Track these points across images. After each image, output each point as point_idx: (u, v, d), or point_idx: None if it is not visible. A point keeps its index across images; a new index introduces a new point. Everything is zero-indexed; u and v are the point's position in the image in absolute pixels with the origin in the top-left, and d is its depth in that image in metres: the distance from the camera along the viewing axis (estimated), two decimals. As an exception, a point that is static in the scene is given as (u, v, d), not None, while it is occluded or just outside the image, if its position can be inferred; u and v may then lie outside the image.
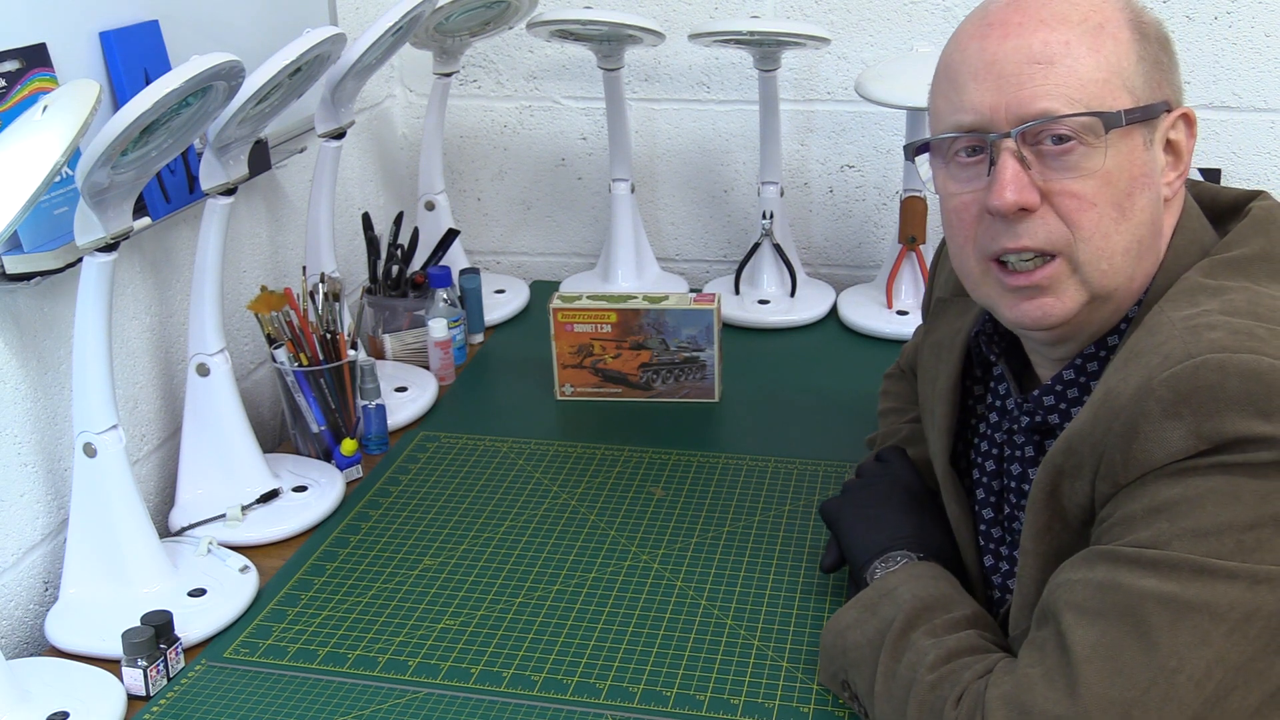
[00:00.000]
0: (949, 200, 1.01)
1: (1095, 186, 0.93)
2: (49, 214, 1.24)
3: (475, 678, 1.17)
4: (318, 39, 1.33)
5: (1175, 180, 0.98)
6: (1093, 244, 0.94)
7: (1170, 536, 0.84)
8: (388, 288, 1.82)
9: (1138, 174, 0.94)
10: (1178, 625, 0.83)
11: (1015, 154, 0.94)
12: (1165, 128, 0.97)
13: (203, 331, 1.41)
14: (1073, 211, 0.94)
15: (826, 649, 1.10)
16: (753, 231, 2.05)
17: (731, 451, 1.57)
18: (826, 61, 2.04)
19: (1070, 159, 0.93)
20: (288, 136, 1.73)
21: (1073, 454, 0.91)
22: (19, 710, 1.09)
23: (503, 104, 2.18)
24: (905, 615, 1.03)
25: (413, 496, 1.49)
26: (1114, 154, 0.93)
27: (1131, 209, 0.94)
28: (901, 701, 0.98)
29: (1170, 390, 0.85)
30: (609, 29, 1.84)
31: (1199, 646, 0.82)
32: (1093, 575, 0.87)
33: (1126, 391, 0.87)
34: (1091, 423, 0.89)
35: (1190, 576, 0.83)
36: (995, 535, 1.12)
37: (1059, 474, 0.93)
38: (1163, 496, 0.85)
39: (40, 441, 1.30)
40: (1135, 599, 0.84)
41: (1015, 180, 0.93)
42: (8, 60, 1.20)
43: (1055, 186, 0.94)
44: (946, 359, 1.16)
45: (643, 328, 1.69)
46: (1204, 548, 0.83)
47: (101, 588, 1.27)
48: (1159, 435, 0.85)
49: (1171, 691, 0.82)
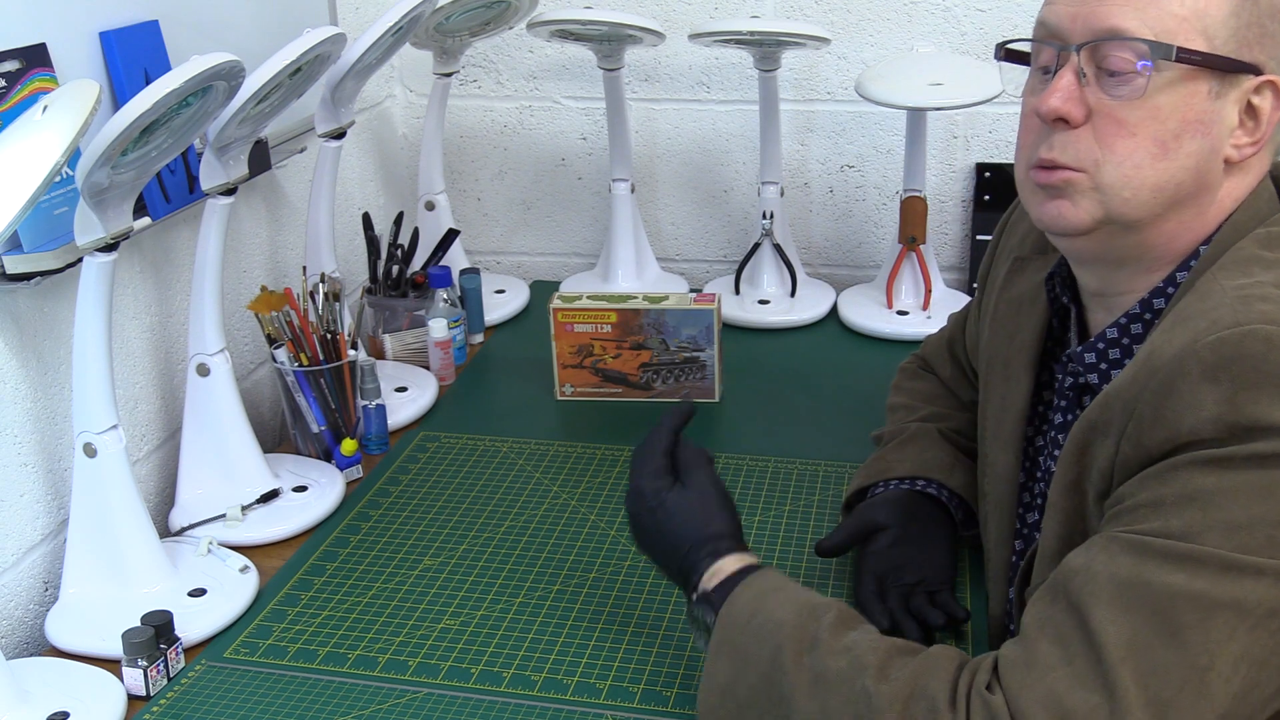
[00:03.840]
0: (1024, 104, 1.04)
1: (1140, 117, 0.95)
2: (49, 214, 1.24)
3: (475, 678, 1.17)
4: (318, 39, 1.33)
5: (1247, 146, 0.98)
6: (1121, 170, 0.95)
7: (1202, 528, 0.84)
8: (388, 288, 1.82)
9: (1192, 118, 0.95)
10: (1208, 622, 0.83)
11: (1076, 68, 0.96)
12: (1247, 89, 0.96)
13: (203, 331, 1.41)
14: (1110, 135, 0.95)
15: (713, 714, 1.00)
16: (753, 231, 2.05)
17: (731, 451, 1.57)
18: (826, 61, 2.04)
19: (1125, 88, 0.94)
20: (288, 136, 1.73)
21: (1107, 409, 0.92)
22: (19, 710, 1.09)
23: (503, 104, 2.18)
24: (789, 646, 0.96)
25: (413, 496, 1.49)
26: (1170, 91, 0.94)
27: (1176, 151, 0.95)
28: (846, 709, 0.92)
29: (1213, 354, 0.85)
30: (609, 29, 1.84)
31: (1227, 643, 0.83)
32: (1118, 569, 0.86)
33: (1169, 351, 0.87)
34: (1130, 380, 0.90)
35: (1219, 572, 0.83)
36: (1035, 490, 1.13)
37: (1092, 430, 0.93)
38: (1196, 485, 0.85)
39: (40, 441, 1.30)
40: (1166, 596, 0.84)
41: (1065, 90, 0.96)
42: (8, 60, 1.20)
43: (1103, 107, 0.96)
44: (1029, 312, 1.16)
45: (643, 328, 1.69)
46: (1234, 542, 0.83)
47: (101, 588, 1.27)
48: (1193, 397, 0.85)
49: (1204, 689, 0.83)
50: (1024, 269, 1.20)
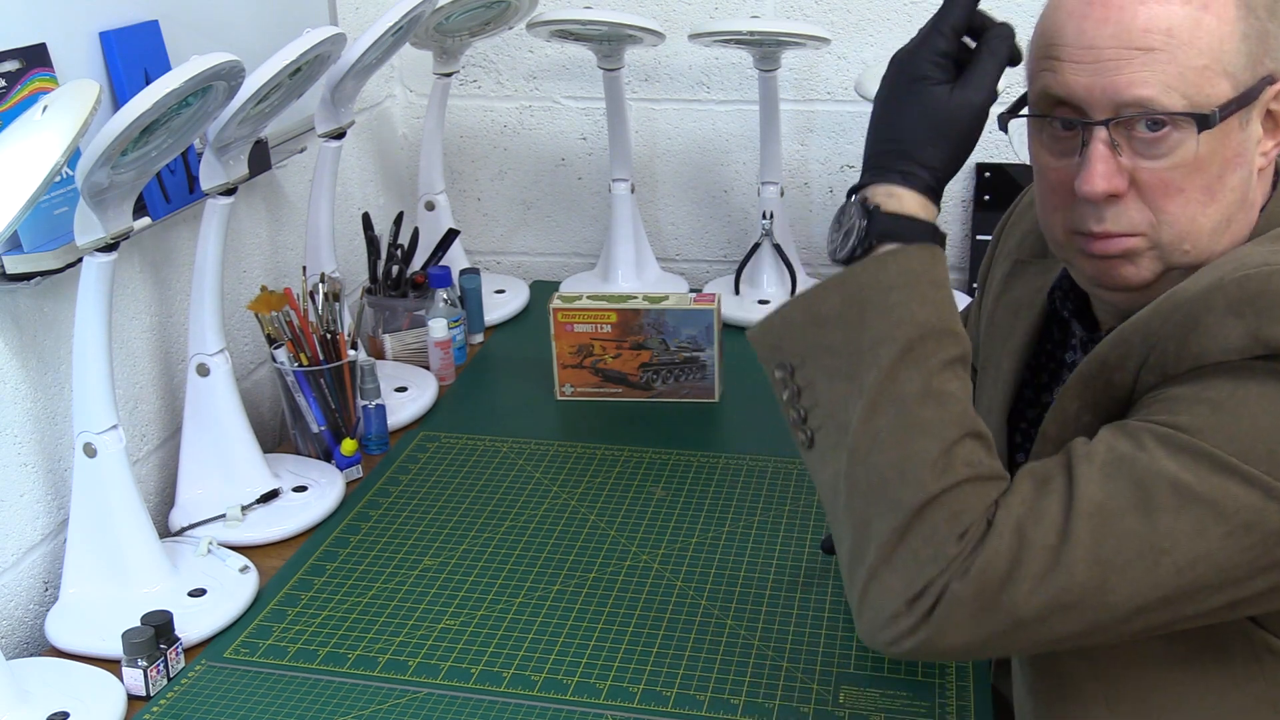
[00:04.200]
0: (1045, 171, 1.01)
1: (1185, 173, 0.93)
2: (49, 214, 1.24)
3: (475, 678, 1.17)
4: (318, 39, 1.33)
5: (1272, 149, 0.97)
6: (1177, 228, 0.95)
7: (1207, 428, 0.84)
8: (388, 288, 1.82)
9: (1230, 156, 0.94)
10: (1181, 511, 0.83)
11: (1107, 140, 0.93)
12: (1267, 99, 0.95)
13: (203, 331, 1.41)
14: (1159, 197, 0.94)
15: (790, 325, 0.93)
16: (753, 231, 2.05)
17: (731, 451, 1.57)
18: (826, 61, 2.04)
19: (1161, 148, 0.93)
20: (288, 136, 1.73)
21: (1122, 344, 0.91)
22: (19, 710, 1.09)
23: (503, 104, 2.18)
24: (899, 347, 0.89)
25: (413, 496, 1.49)
26: (1208, 141, 0.92)
27: (1221, 190, 0.95)
28: (888, 493, 0.87)
29: (1239, 289, 0.85)
30: (609, 29, 1.84)
31: (1194, 538, 0.83)
32: (1117, 443, 0.87)
33: (1194, 289, 0.87)
34: (1150, 314, 0.90)
35: (1210, 469, 0.84)
36: None
37: (1102, 365, 0.93)
38: (1212, 389, 0.85)
39: (40, 441, 1.30)
40: (1150, 475, 0.84)
41: (1105, 167, 0.93)
42: (8, 60, 1.20)
43: (1144, 173, 0.94)
44: (1025, 316, 1.16)
45: (643, 328, 1.69)
46: (1235, 447, 0.84)
47: (101, 588, 1.27)
48: (1218, 329, 0.85)
49: (1154, 569, 0.83)
50: (1023, 272, 1.20)
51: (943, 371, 0.90)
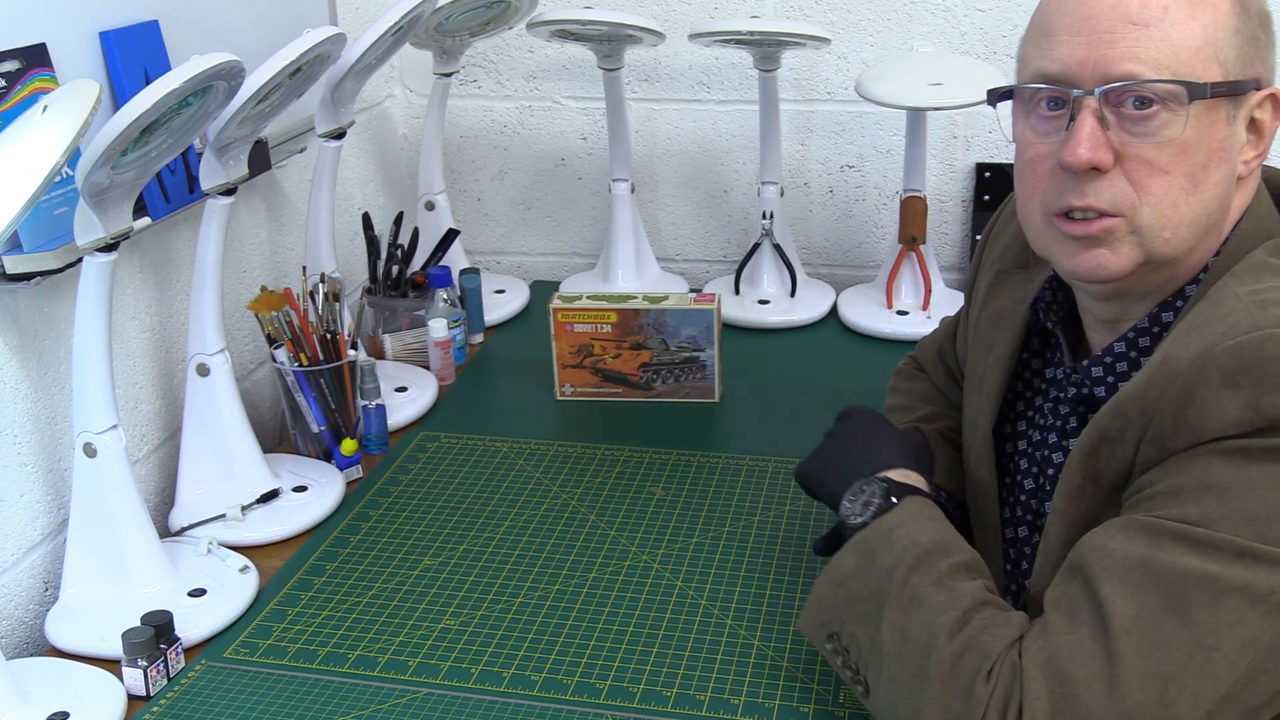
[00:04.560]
0: (1025, 149, 1.01)
1: (1171, 155, 0.93)
2: (49, 214, 1.24)
3: (475, 678, 1.17)
4: (318, 39, 1.33)
5: (1254, 159, 0.98)
6: (1159, 210, 0.94)
7: (1218, 517, 0.85)
8: (388, 288, 1.82)
9: (1216, 148, 0.94)
10: (1217, 604, 0.83)
11: (1096, 112, 0.93)
12: (1252, 105, 0.96)
13: (203, 331, 1.41)
14: (1144, 177, 0.94)
15: (822, 599, 1.05)
16: (753, 231, 2.05)
17: (731, 451, 1.57)
18: (826, 61, 2.04)
19: (1150, 124, 0.93)
20: (288, 136, 1.73)
21: (1120, 416, 0.91)
22: (19, 710, 1.09)
23: (503, 104, 2.18)
24: (906, 565, 0.99)
25: (413, 496, 1.49)
26: (1195, 124, 0.92)
27: (1205, 181, 0.94)
28: (919, 668, 0.95)
29: (1233, 359, 0.85)
30: (609, 29, 1.84)
31: (1236, 626, 0.83)
32: (1133, 548, 0.87)
33: (1186, 357, 0.87)
34: (1145, 387, 0.90)
35: (1233, 557, 0.84)
36: (1033, 507, 1.12)
37: (1102, 437, 0.93)
38: (1214, 475, 0.85)
39: (40, 441, 1.30)
40: (1177, 576, 0.84)
41: (1091, 138, 0.93)
42: (8, 60, 1.20)
43: (1131, 150, 0.94)
44: (1006, 328, 1.16)
45: (643, 328, 1.69)
46: (1251, 531, 0.84)
47: (101, 588, 1.27)
48: (1215, 403, 0.85)
49: (1208, 668, 0.83)
50: (1006, 283, 1.20)
51: (953, 574, 0.99)
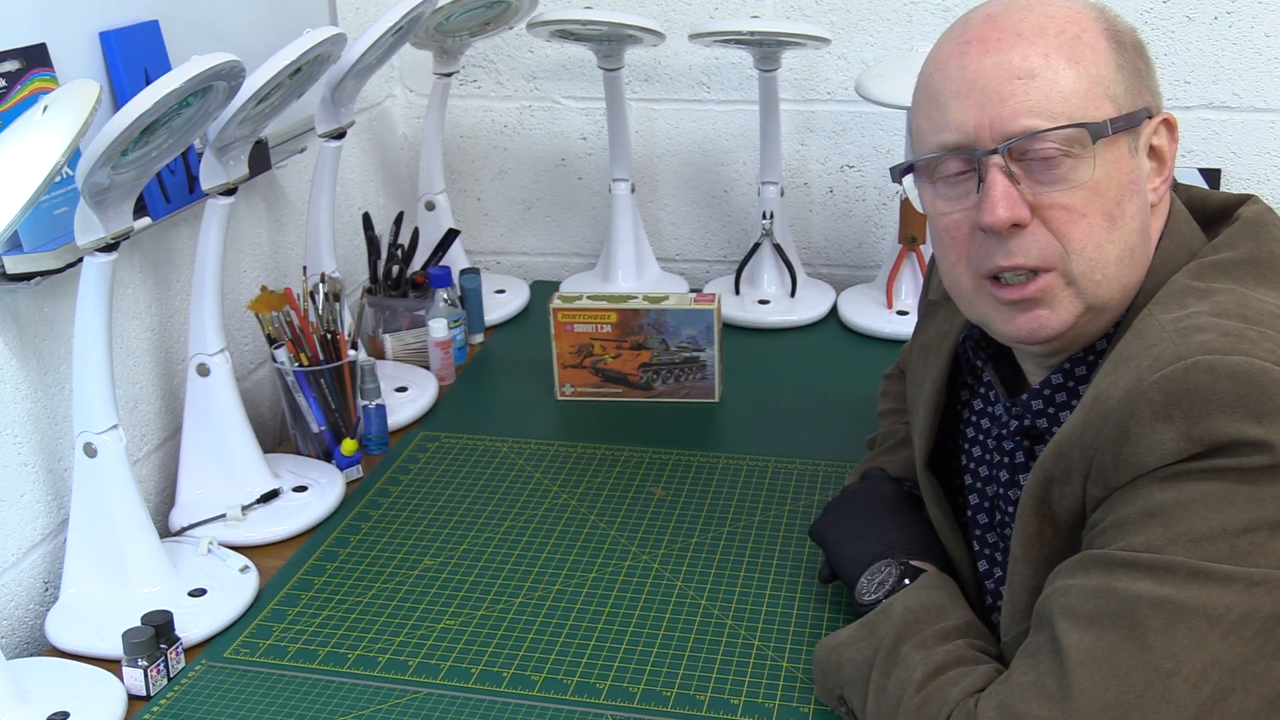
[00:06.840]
0: (938, 220, 1.00)
1: (1085, 197, 0.93)
2: (49, 214, 1.24)
3: (475, 678, 1.17)
4: (318, 39, 1.33)
5: (1160, 186, 0.98)
6: (1085, 255, 0.94)
7: (1164, 541, 0.84)
8: (388, 288, 1.82)
9: (1125, 181, 0.94)
10: (1173, 628, 0.82)
11: (1003, 170, 0.93)
12: (1148, 134, 0.97)
13: (203, 331, 1.41)
14: (1063, 224, 0.93)
15: (820, 665, 1.09)
16: (753, 231, 2.05)
17: (731, 451, 1.57)
18: (826, 61, 2.04)
19: (1058, 172, 0.93)
20: (288, 136, 1.73)
21: (1063, 459, 0.91)
22: (19, 710, 1.09)
23: (503, 104, 2.18)
24: (896, 629, 1.02)
25: (413, 496, 1.49)
26: (1102, 164, 0.93)
27: (1122, 217, 0.94)
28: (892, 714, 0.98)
29: (1161, 393, 0.84)
30: (609, 29, 1.84)
31: (1195, 649, 0.82)
32: (1087, 581, 0.86)
33: (1116, 395, 0.87)
34: (1081, 427, 0.89)
35: (1185, 579, 0.83)
36: (990, 541, 1.12)
37: (1049, 480, 0.92)
38: (1155, 500, 0.85)
39: (40, 441, 1.30)
40: (1130, 602, 0.84)
41: (1006, 196, 0.93)
42: (8, 60, 1.20)
43: (1045, 199, 0.93)
44: (934, 362, 1.16)
45: (643, 328, 1.69)
46: (1199, 552, 0.83)
47: (101, 588, 1.27)
48: (1150, 438, 0.85)
49: (1168, 694, 0.82)
50: (935, 314, 1.20)
51: (940, 638, 1.01)
